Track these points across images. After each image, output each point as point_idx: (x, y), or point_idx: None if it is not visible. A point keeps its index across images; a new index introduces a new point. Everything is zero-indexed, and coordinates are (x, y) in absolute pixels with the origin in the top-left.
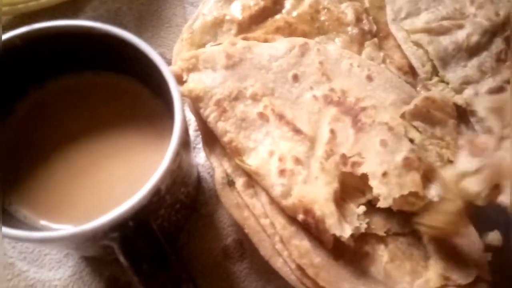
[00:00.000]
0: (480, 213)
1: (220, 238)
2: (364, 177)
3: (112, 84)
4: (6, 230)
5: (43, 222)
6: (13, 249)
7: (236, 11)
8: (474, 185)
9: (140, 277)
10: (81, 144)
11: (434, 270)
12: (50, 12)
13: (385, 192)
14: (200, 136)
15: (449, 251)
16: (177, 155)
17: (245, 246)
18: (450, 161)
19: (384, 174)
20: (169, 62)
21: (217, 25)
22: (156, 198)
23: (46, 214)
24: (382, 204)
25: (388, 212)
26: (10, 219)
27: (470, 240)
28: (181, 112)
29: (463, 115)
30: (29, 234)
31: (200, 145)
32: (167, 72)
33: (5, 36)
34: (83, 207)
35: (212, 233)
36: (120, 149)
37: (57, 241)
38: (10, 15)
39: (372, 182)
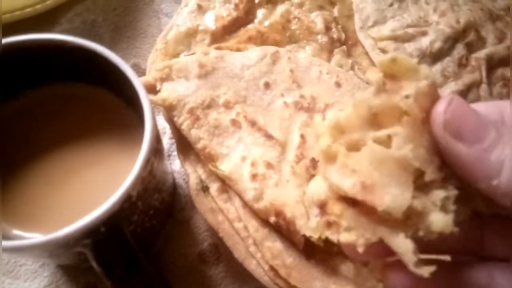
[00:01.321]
0: None
1: (196, 243)
2: None
3: (86, 95)
4: None
5: (16, 232)
6: None
7: (209, 22)
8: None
9: (114, 282)
10: (54, 154)
11: None
12: (25, 24)
13: None
14: (175, 143)
15: None
16: (148, 162)
17: (220, 250)
18: None
19: None
20: (144, 72)
21: (191, 35)
22: (128, 204)
23: (19, 224)
24: None
25: None
26: None
27: None
28: (151, 121)
29: None
30: (1, 243)
31: (176, 153)
32: (138, 83)
33: None
34: (57, 216)
35: (188, 238)
36: (93, 158)
37: (30, 250)
38: None
39: None
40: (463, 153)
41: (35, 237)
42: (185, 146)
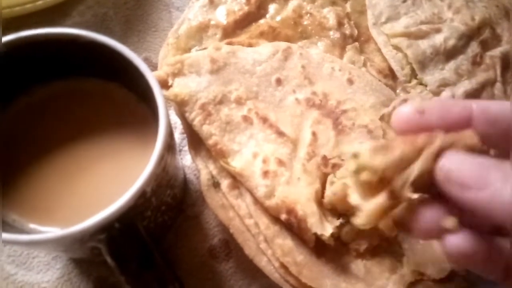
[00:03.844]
0: None
1: (207, 238)
2: None
3: (99, 90)
4: None
5: (32, 226)
6: (1, 252)
7: (221, 16)
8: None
9: (127, 277)
10: (68, 149)
11: (407, 266)
12: (36, 17)
13: None
14: (186, 139)
15: (422, 247)
16: (162, 159)
17: (230, 246)
18: None
19: None
20: (155, 66)
21: (202, 30)
22: (142, 200)
23: (35, 218)
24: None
25: None
26: None
27: None
28: (165, 117)
29: None
30: (17, 237)
31: (186, 148)
32: (152, 79)
33: None
34: (71, 210)
35: (199, 234)
36: (107, 153)
37: (45, 244)
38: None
39: None
40: (474, 200)
41: (51, 231)
42: (196, 141)
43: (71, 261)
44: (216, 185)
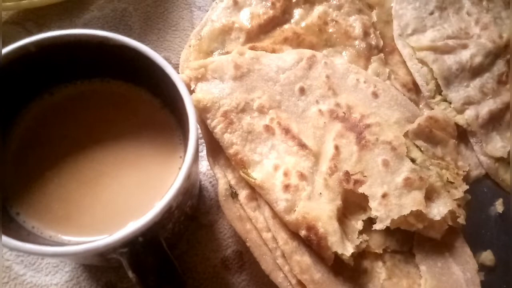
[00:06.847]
0: (474, 233)
1: (220, 248)
2: (365, 196)
3: (123, 93)
4: (18, 243)
5: (51, 233)
6: (10, 252)
7: (245, 19)
8: None
9: None
10: (89, 153)
11: None
12: (55, 9)
13: (383, 214)
14: (204, 144)
15: (441, 269)
16: (190, 172)
17: (244, 258)
18: (450, 182)
19: (384, 196)
20: (174, 67)
21: (226, 32)
22: (167, 214)
23: (53, 225)
24: (377, 226)
25: (388, 230)
26: (17, 229)
27: (464, 259)
28: (195, 131)
29: (463, 135)
30: (42, 248)
31: (203, 153)
32: (183, 89)
33: (20, 42)
34: (91, 219)
35: (212, 243)
36: (129, 160)
37: (69, 256)
38: (14, 10)
39: (372, 204)
40: None
41: (71, 240)
42: (215, 149)
43: (80, 264)
44: (234, 195)
